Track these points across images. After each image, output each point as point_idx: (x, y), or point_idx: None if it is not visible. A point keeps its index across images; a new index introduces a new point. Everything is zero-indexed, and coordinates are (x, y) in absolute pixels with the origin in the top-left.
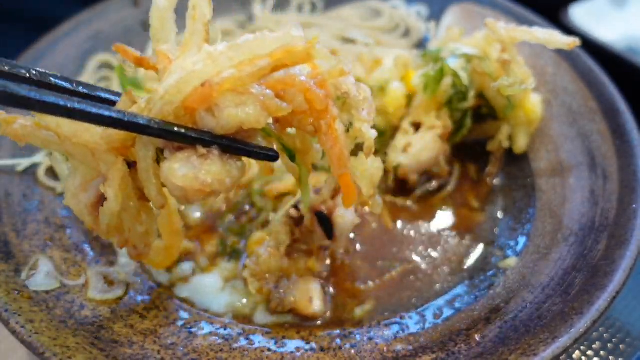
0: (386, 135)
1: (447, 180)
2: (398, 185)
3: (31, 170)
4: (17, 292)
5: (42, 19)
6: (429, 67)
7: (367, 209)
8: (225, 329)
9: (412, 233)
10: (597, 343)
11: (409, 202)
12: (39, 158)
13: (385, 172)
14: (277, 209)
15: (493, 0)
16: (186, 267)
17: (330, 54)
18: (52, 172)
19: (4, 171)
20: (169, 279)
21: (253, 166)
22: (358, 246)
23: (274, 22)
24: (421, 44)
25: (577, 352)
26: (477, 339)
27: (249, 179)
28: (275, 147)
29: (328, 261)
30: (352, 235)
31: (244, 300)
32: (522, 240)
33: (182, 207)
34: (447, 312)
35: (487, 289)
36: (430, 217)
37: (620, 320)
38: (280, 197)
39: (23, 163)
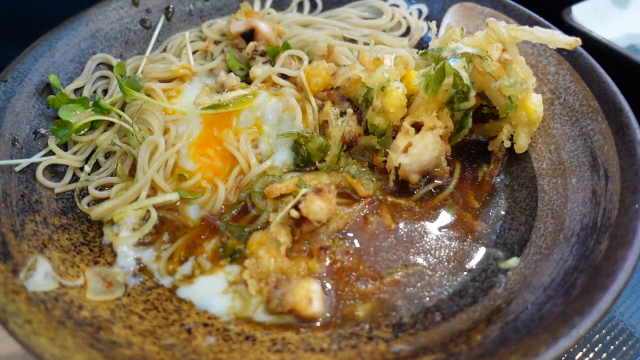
0: (387, 136)
1: (448, 181)
2: (399, 186)
3: (29, 170)
4: (15, 292)
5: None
6: (429, 66)
7: (366, 209)
8: (224, 330)
9: (413, 233)
10: (599, 345)
11: (410, 203)
12: (38, 158)
13: (386, 172)
14: (278, 210)
15: None
16: (188, 268)
17: None
18: (50, 172)
19: (2, 171)
20: (171, 281)
21: (253, 167)
22: (358, 247)
23: (273, 21)
24: (422, 43)
25: (580, 354)
26: (478, 339)
27: (249, 179)
28: None
29: (328, 262)
30: (353, 236)
31: (244, 301)
32: (523, 240)
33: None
34: (448, 313)
35: (488, 290)
36: (431, 217)
37: (623, 322)
38: (281, 197)
39: (21, 163)
